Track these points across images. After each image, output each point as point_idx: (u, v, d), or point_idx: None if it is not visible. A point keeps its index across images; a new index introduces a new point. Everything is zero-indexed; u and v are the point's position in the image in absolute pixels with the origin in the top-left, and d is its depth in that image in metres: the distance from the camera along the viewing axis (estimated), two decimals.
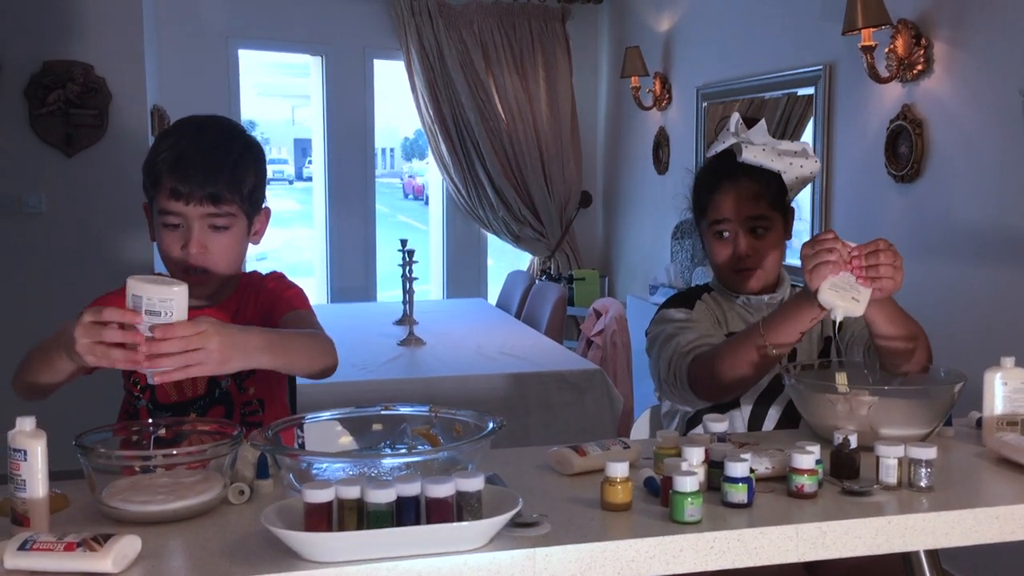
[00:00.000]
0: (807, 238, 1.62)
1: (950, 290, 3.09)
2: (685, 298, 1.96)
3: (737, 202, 1.87)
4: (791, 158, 1.87)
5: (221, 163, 1.58)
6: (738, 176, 1.88)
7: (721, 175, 1.90)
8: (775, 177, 1.88)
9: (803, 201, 3.75)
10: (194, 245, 1.57)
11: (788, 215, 1.94)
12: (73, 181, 4.31)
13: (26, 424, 1.15)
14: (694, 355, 1.78)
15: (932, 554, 1.46)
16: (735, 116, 1.92)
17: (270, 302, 1.70)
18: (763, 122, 1.94)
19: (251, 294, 1.73)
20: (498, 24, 5.73)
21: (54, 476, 1.19)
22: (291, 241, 13.12)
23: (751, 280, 1.91)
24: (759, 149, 1.87)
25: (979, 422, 1.58)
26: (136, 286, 1.25)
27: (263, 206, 1.71)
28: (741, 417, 1.84)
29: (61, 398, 1.56)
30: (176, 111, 4.54)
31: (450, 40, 5.61)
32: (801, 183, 1.93)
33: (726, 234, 1.89)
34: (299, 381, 2.07)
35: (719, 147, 1.92)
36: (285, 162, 22.40)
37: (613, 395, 3.43)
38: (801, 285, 2.04)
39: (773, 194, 1.88)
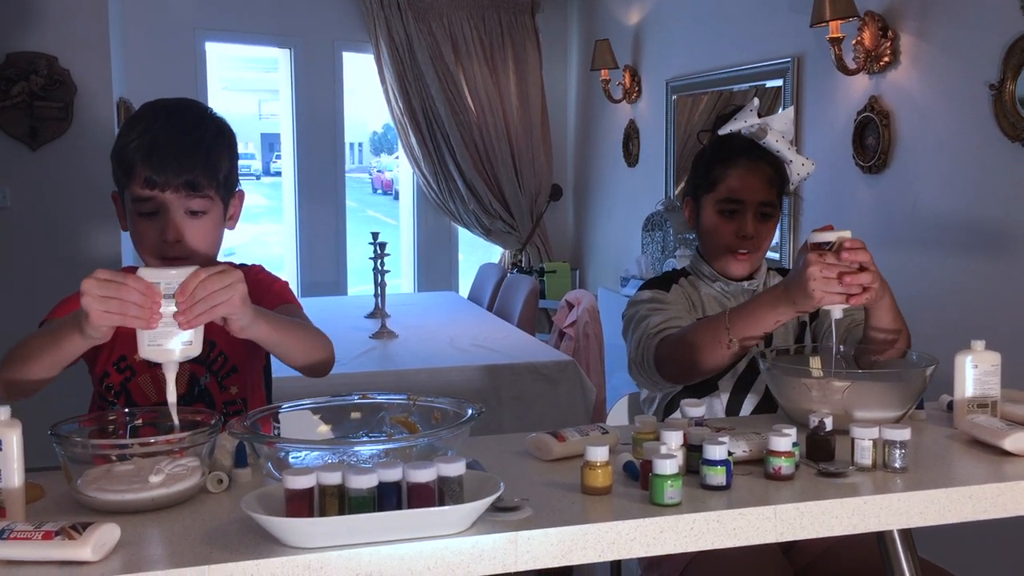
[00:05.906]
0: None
1: (917, 278, 3.13)
2: (662, 281, 1.95)
3: (753, 184, 1.85)
4: (797, 154, 1.89)
5: (195, 150, 1.55)
6: (757, 158, 1.86)
7: (741, 152, 1.86)
8: (783, 168, 1.88)
9: None
10: (171, 232, 1.54)
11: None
12: (38, 175, 4.25)
13: (0, 414, 1.14)
14: (662, 336, 1.77)
15: (906, 534, 1.48)
16: (756, 100, 1.91)
17: (257, 291, 1.67)
18: (791, 110, 1.94)
19: None
20: (468, 17, 5.71)
21: (25, 471, 1.17)
22: (259, 236, 13.01)
23: (745, 265, 1.89)
24: (780, 135, 1.86)
25: (950, 405, 1.60)
26: (148, 272, 1.25)
27: (237, 189, 1.68)
28: (720, 404, 1.85)
29: (30, 401, 1.52)
30: (142, 103, 4.47)
31: (419, 32, 5.59)
32: (800, 180, 1.96)
33: (735, 213, 1.86)
34: (274, 376, 2.05)
35: (737, 125, 1.87)
36: (252, 157, 22.21)
37: (586, 386, 3.44)
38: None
39: (780, 184, 1.89)
